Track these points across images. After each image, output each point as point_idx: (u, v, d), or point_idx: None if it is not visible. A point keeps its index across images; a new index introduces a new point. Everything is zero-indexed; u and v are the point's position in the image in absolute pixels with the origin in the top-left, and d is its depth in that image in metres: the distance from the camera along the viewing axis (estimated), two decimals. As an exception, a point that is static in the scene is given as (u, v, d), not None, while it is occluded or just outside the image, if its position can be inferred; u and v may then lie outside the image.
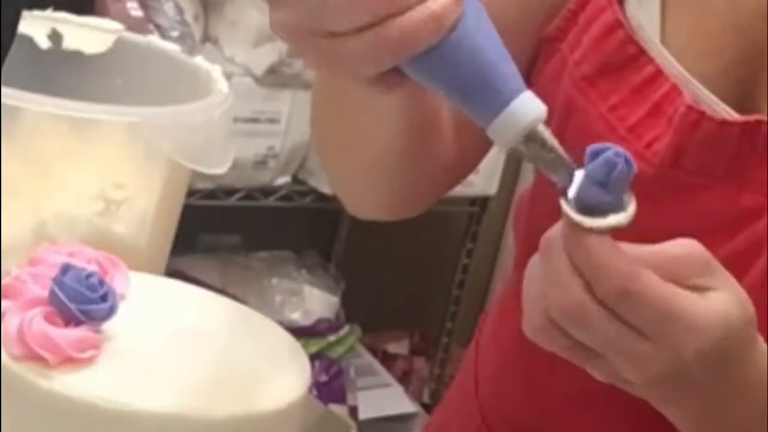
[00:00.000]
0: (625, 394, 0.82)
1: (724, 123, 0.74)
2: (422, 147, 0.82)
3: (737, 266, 0.69)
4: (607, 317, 0.61)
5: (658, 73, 0.76)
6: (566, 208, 0.61)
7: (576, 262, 0.61)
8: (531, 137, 0.61)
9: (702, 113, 0.74)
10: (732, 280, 0.64)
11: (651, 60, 0.77)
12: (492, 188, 2.22)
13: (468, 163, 0.91)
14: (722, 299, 0.62)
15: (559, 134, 0.80)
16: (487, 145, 0.91)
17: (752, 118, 0.74)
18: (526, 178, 2.41)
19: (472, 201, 2.28)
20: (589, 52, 0.79)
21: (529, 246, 0.89)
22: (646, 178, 0.73)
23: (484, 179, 2.18)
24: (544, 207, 0.77)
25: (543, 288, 0.63)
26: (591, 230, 0.60)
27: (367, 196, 0.89)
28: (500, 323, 0.95)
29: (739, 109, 0.75)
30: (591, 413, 0.85)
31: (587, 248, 0.61)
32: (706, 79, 0.76)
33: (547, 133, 0.62)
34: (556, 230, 0.62)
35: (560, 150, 0.62)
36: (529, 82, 0.85)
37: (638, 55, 0.77)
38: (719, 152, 0.74)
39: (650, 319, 0.61)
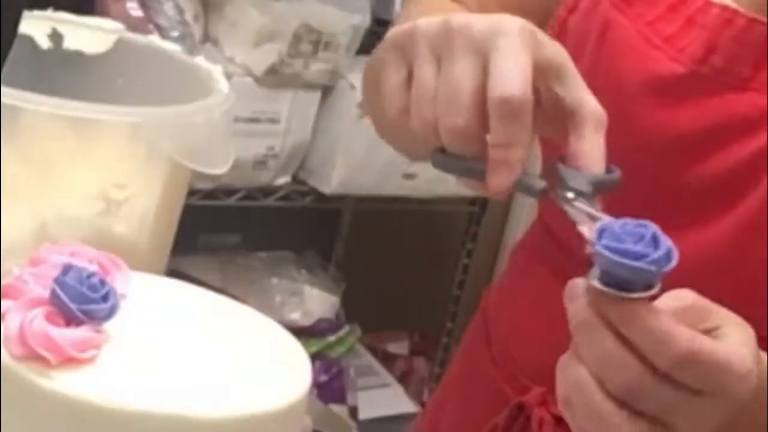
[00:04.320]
0: None
1: (754, 20, 0.79)
2: None
3: (757, 167, 0.75)
4: (668, 386, 0.60)
5: None
6: (601, 287, 0.60)
7: (631, 337, 0.60)
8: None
9: (735, 11, 0.79)
10: (724, 310, 0.64)
11: None
12: (492, 188, 2.22)
13: None
14: (735, 334, 0.63)
15: (595, 51, 0.84)
16: None
17: None
18: (526, 178, 2.40)
19: (472, 201, 2.29)
20: None
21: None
22: (677, 77, 0.80)
23: (484, 179, 2.18)
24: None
25: (596, 373, 0.61)
26: (634, 301, 0.60)
27: None
28: (516, 281, 0.97)
29: None
30: None
31: (642, 322, 0.60)
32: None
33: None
34: (582, 313, 0.61)
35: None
36: (563, 22, 0.89)
37: None
38: (747, 50, 0.79)
39: (711, 377, 0.60)
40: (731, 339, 0.62)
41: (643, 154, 0.82)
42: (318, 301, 2.18)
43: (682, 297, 0.63)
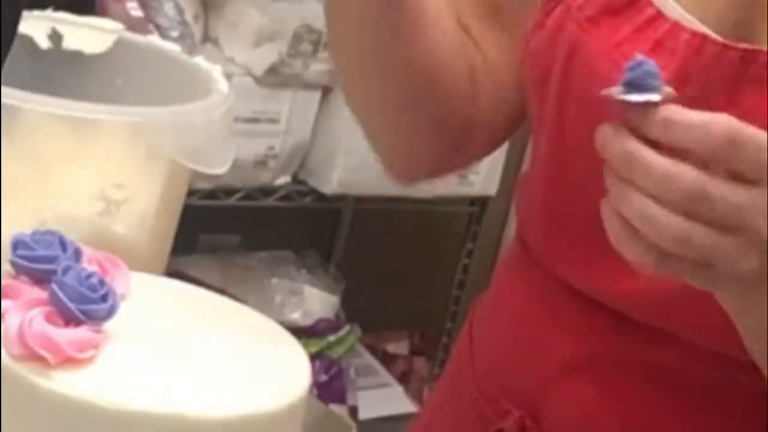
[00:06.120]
0: (626, 355, 0.83)
1: (726, 47, 0.77)
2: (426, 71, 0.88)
3: None
4: (728, 184, 0.62)
5: (658, 15, 0.79)
6: (630, 98, 0.63)
7: (673, 138, 0.62)
8: None
9: (705, 37, 0.77)
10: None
11: (650, 3, 0.79)
12: (492, 188, 2.22)
13: (485, 126, 0.94)
14: None
15: (563, 74, 0.83)
16: (507, 108, 0.94)
17: (753, 46, 0.76)
18: (526, 178, 2.41)
19: (472, 201, 2.29)
20: None
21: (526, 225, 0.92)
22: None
23: (484, 179, 2.18)
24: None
25: (654, 195, 0.62)
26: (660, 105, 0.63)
27: (407, 132, 0.94)
28: (497, 302, 0.96)
29: None
30: (588, 381, 0.86)
31: (677, 118, 0.62)
32: (702, 22, 0.78)
33: None
34: (624, 144, 0.64)
35: None
36: (529, 41, 0.88)
37: (636, 0, 0.80)
38: (721, 77, 0.77)
39: (760, 159, 0.62)
40: None
41: None
42: (318, 301, 2.18)
43: (716, 116, 0.64)
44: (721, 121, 0.62)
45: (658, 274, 0.67)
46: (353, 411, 2.18)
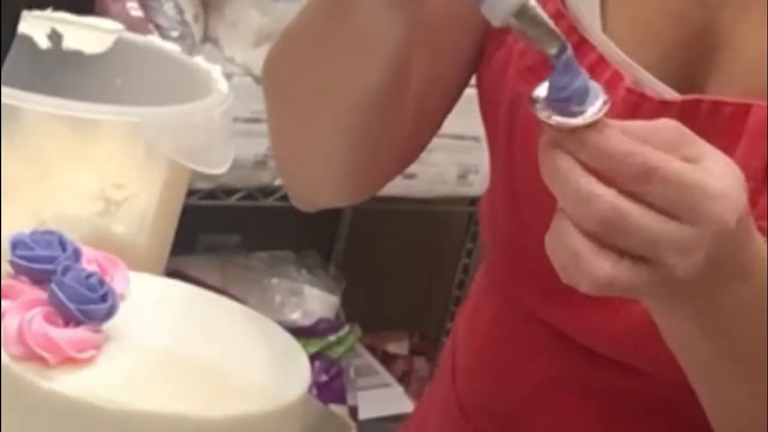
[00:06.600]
0: (596, 381, 0.83)
1: (664, 103, 0.75)
2: (395, 94, 0.81)
3: None
4: (642, 212, 0.59)
5: (601, 61, 0.77)
6: (551, 118, 0.61)
7: (590, 162, 0.60)
8: (522, 12, 0.62)
9: (641, 94, 0.76)
10: (709, 146, 0.62)
11: (593, 48, 0.78)
12: (492, 188, 2.22)
13: (417, 145, 0.91)
14: (715, 166, 0.61)
15: (508, 124, 0.81)
16: (437, 125, 0.91)
17: (690, 97, 0.74)
18: (526, 178, 2.41)
19: (472, 201, 2.28)
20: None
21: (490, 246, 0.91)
22: None
23: (484, 179, 2.18)
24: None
25: (571, 215, 0.60)
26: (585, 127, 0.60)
27: (324, 170, 0.87)
28: (473, 316, 0.96)
29: (682, 93, 0.76)
30: (563, 401, 0.86)
31: (595, 143, 0.60)
32: (648, 65, 0.77)
33: (538, 8, 0.62)
34: (543, 156, 0.61)
35: (551, 24, 0.62)
36: (479, 72, 0.86)
37: (581, 43, 0.78)
38: None
39: (678, 195, 0.59)
40: (708, 169, 0.61)
41: None
42: (318, 301, 2.18)
43: (662, 124, 0.62)
44: (638, 153, 0.59)
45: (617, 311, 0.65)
46: (353, 411, 2.18)
